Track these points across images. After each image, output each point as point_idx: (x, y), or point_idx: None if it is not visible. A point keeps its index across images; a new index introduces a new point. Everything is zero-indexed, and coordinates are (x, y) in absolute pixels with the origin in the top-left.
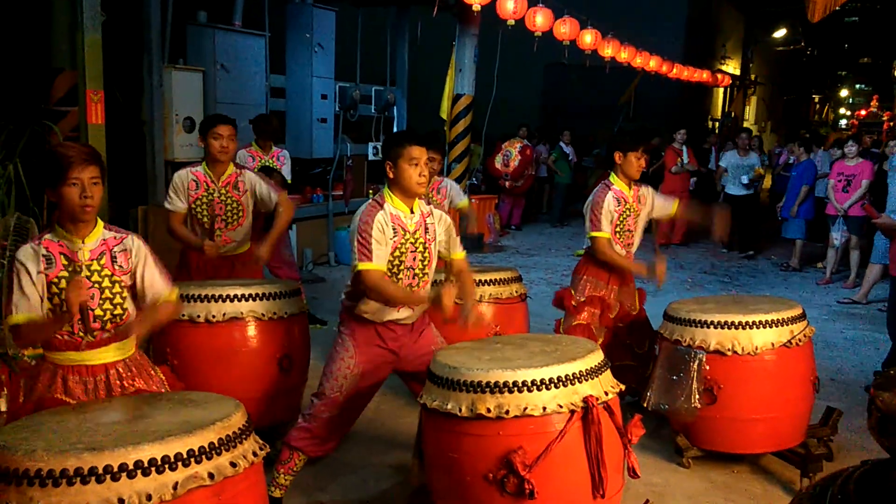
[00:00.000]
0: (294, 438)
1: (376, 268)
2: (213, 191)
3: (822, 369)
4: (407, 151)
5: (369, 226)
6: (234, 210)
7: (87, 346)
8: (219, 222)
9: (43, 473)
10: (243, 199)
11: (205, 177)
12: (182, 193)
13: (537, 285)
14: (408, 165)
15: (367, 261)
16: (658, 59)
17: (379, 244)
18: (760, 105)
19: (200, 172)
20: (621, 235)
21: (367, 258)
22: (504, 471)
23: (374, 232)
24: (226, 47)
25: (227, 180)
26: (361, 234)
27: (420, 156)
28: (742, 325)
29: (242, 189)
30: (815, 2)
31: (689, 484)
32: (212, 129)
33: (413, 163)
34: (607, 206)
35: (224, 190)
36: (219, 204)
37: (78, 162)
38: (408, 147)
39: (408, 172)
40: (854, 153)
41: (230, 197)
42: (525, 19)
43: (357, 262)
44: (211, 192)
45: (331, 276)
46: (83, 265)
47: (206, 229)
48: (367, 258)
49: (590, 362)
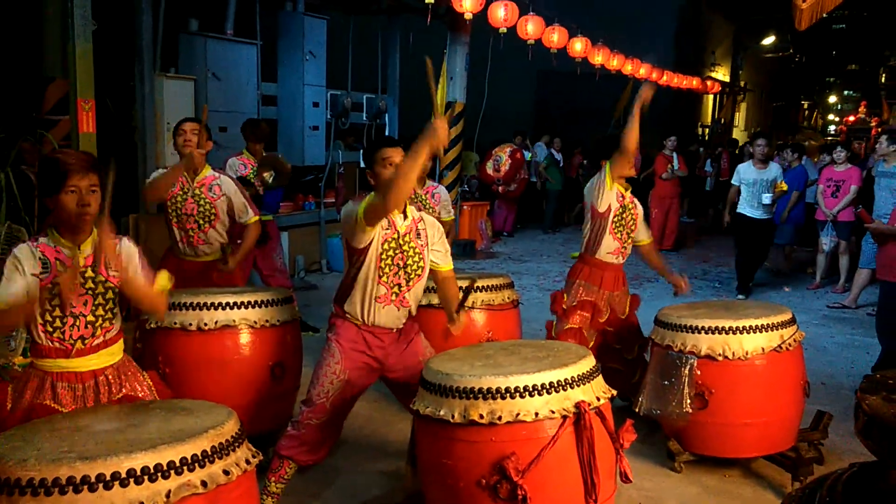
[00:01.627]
0: (284, 447)
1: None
2: (188, 190)
3: (813, 373)
4: (379, 154)
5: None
6: (207, 212)
7: (76, 353)
8: (191, 222)
9: (35, 483)
10: (217, 202)
11: (181, 176)
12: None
13: (529, 291)
14: (382, 168)
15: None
16: (648, 67)
17: None
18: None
19: None
20: (619, 231)
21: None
22: (497, 477)
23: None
24: (217, 55)
25: (203, 181)
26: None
27: (392, 155)
28: (733, 330)
29: (218, 193)
30: (801, 10)
31: (681, 489)
32: (177, 128)
33: (387, 163)
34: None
35: (199, 191)
36: (192, 204)
37: (77, 170)
38: (380, 149)
39: (385, 174)
40: (842, 159)
41: (203, 198)
42: (517, 27)
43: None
44: (185, 190)
45: (323, 284)
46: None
47: (179, 228)
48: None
49: (581, 368)
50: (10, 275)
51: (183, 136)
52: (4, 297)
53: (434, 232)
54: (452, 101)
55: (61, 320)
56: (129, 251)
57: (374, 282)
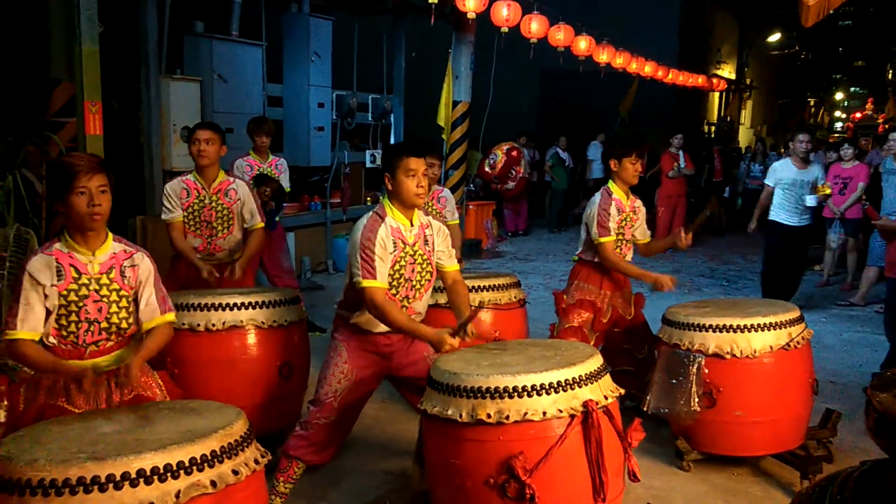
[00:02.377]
0: (292, 447)
1: (379, 285)
2: (204, 197)
3: (821, 371)
4: (405, 163)
5: (372, 242)
6: (225, 218)
7: (90, 354)
8: (209, 229)
9: (45, 483)
10: (234, 207)
11: (195, 184)
12: (175, 201)
13: (535, 290)
14: (405, 177)
15: (371, 278)
16: (653, 65)
17: (381, 261)
18: (756, 109)
19: (190, 180)
20: (619, 244)
21: (371, 275)
22: (505, 476)
23: (376, 249)
24: (223, 57)
25: (219, 187)
26: (364, 249)
27: (418, 167)
28: (740, 328)
29: (234, 197)
30: (808, 6)
31: (689, 487)
32: (192, 136)
33: (411, 174)
34: (613, 212)
35: (215, 197)
36: (210, 211)
37: (85, 171)
38: (405, 158)
39: (406, 184)
40: (850, 156)
41: (221, 204)
42: (520, 26)
43: (360, 278)
44: (202, 198)
45: (329, 284)
46: (92, 278)
47: (198, 236)
48: (371, 275)
49: (589, 367)
50: (27, 297)
51: (197, 146)
52: (29, 329)
53: (439, 236)
54: (458, 100)
55: (76, 325)
56: (145, 269)
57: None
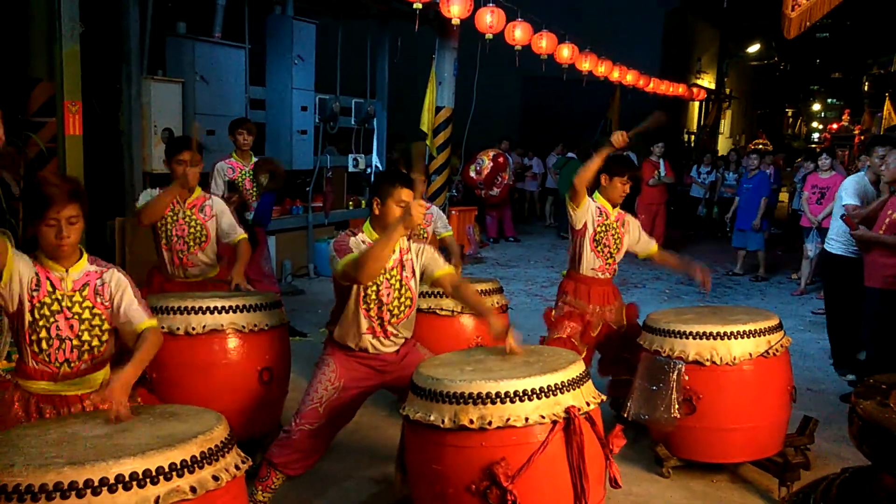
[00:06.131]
0: (274, 454)
1: (355, 256)
2: (178, 211)
3: (799, 379)
4: (397, 192)
5: (345, 240)
6: (198, 233)
7: (62, 376)
8: (181, 244)
9: (21, 488)
10: (209, 223)
11: None
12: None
13: (517, 297)
14: (395, 205)
15: (347, 253)
16: (635, 73)
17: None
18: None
19: None
20: (600, 249)
21: (347, 253)
22: (487, 482)
23: (350, 243)
24: (205, 58)
25: (194, 203)
26: (338, 245)
27: (409, 199)
28: (720, 335)
29: (209, 213)
30: (790, 18)
31: (669, 494)
32: (175, 156)
33: (401, 205)
34: (592, 207)
35: (189, 212)
36: (182, 225)
37: (57, 202)
38: (399, 189)
39: (394, 213)
40: (827, 166)
41: (194, 219)
42: (504, 33)
43: (338, 262)
44: (176, 212)
45: (310, 289)
46: (65, 295)
47: (169, 250)
48: (347, 253)
49: (571, 373)
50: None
51: (183, 166)
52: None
53: (420, 256)
54: (441, 106)
55: (48, 342)
56: (117, 282)
57: (358, 314)
